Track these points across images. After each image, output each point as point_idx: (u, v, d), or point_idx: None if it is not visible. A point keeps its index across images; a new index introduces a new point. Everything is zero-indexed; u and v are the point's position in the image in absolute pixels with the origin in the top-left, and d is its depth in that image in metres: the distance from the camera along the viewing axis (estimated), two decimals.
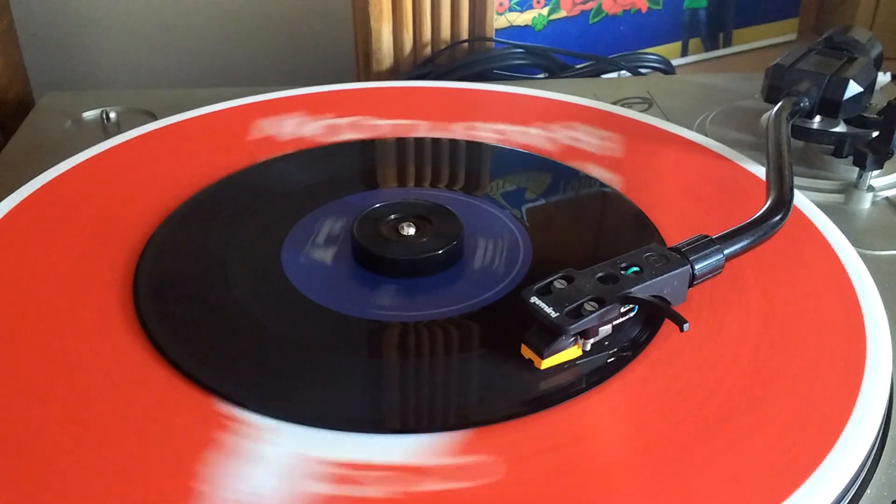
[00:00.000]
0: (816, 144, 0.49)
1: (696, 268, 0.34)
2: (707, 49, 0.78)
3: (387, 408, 0.31)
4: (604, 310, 0.31)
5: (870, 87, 0.49)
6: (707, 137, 0.50)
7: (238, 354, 0.33)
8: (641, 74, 0.66)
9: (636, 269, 0.33)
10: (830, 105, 0.48)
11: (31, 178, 0.44)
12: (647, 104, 0.57)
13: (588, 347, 0.32)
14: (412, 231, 0.39)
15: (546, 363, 0.31)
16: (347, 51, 0.73)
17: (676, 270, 0.33)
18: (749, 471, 0.28)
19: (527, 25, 0.69)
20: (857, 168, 0.46)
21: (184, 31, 0.79)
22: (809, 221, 0.41)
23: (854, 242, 0.40)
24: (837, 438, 0.29)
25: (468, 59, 0.64)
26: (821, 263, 0.38)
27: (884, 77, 0.52)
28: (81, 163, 0.46)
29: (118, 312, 0.35)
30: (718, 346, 0.33)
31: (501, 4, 0.67)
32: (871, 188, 0.46)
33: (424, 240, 0.39)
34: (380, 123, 0.51)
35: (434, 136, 0.50)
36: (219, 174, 0.45)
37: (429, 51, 0.65)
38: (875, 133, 0.47)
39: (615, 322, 0.32)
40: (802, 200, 0.42)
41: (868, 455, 0.29)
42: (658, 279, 0.33)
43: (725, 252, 0.35)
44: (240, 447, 0.29)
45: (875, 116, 0.49)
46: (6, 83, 0.64)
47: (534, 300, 0.31)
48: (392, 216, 0.40)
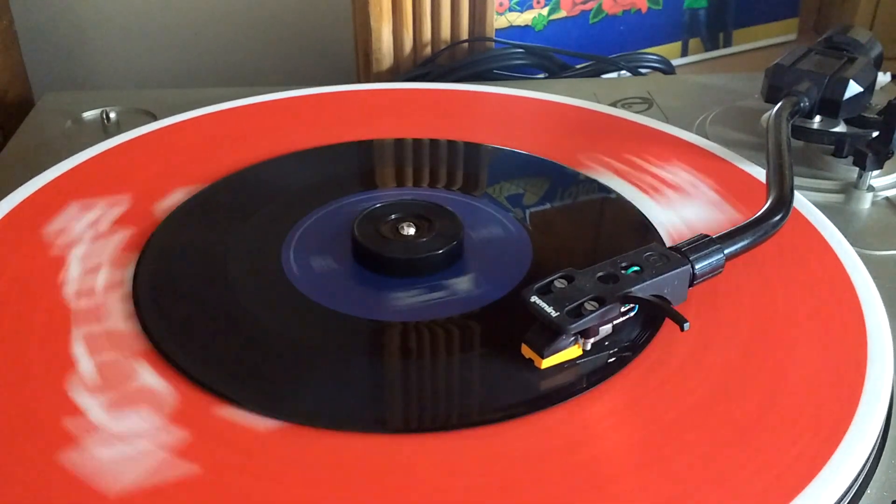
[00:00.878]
0: (816, 144, 0.49)
1: (697, 267, 0.34)
2: (707, 49, 0.78)
3: (387, 408, 0.31)
4: (604, 309, 0.31)
5: (870, 87, 0.49)
6: (706, 139, 0.50)
7: (238, 354, 0.33)
8: (641, 74, 0.66)
9: (636, 269, 0.33)
10: (830, 105, 0.48)
11: (31, 178, 0.44)
12: (647, 104, 0.57)
13: (588, 347, 0.32)
14: (412, 231, 0.39)
15: (546, 363, 0.31)
16: (347, 51, 0.73)
17: (677, 270, 0.33)
18: (750, 471, 0.28)
19: (527, 25, 0.69)
20: (857, 168, 0.46)
21: (184, 31, 0.79)
22: (809, 222, 0.41)
23: (854, 242, 0.40)
24: (839, 439, 0.29)
25: (468, 60, 0.64)
26: (821, 264, 0.38)
27: (884, 77, 0.52)
28: (81, 163, 0.46)
29: (118, 312, 0.35)
30: (719, 346, 0.33)
31: (501, 4, 0.67)
32: (871, 188, 0.46)
33: (424, 240, 0.39)
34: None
35: (433, 137, 0.50)
36: (219, 174, 0.45)
37: (429, 51, 0.65)
38: (875, 133, 0.47)
39: (615, 321, 0.32)
40: (802, 201, 0.42)
41: (868, 455, 0.29)
42: (658, 279, 0.33)
43: (725, 252, 0.35)
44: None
45: (875, 116, 0.49)
46: (6, 83, 0.64)
47: (534, 299, 0.31)
48: (392, 216, 0.40)
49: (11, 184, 0.44)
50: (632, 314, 0.33)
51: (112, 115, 0.54)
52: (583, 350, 0.32)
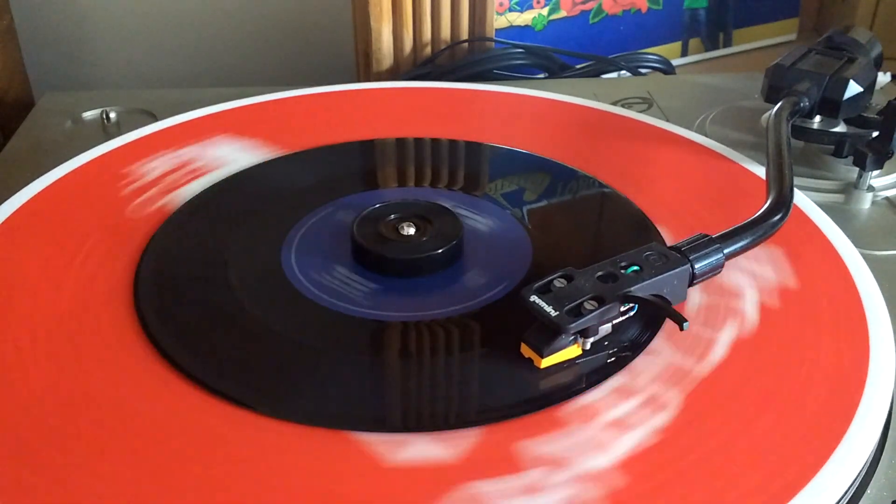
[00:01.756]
0: (816, 144, 0.49)
1: (696, 267, 0.34)
2: (707, 49, 0.78)
3: (386, 407, 0.32)
4: (603, 308, 0.31)
5: (870, 87, 0.49)
6: (707, 137, 0.50)
7: (238, 354, 0.33)
8: (641, 74, 0.66)
9: (636, 268, 0.33)
10: (830, 105, 0.48)
11: (32, 179, 0.44)
12: (647, 104, 0.57)
13: (588, 346, 0.32)
14: (412, 231, 0.39)
15: (546, 362, 0.31)
16: (347, 51, 0.73)
17: (676, 269, 0.33)
18: (750, 471, 0.28)
19: (527, 25, 0.69)
20: (857, 168, 0.46)
21: (184, 31, 0.79)
22: (810, 221, 0.41)
23: (854, 242, 0.40)
24: (840, 439, 0.29)
25: (468, 59, 0.64)
26: (822, 263, 0.38)
27: (884, 77, 0.52)
28: (82, 164, 0.46)
29: (119, 313, 0.35)
30: (718, 346, 0.33)
31: (501, 4, 0.67)
32: (871, 188, 0.46)
33: (424, 240, 0.39)
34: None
35: (434, 137, 0.50)
36: (219, 174, 0.45)
37: (429, 51, 0.65)
38: (875, 133, 0.47)
39: (615, 321, 0.32)
40: (804, 200, 0.42)
41: (868, 455, 0.29)
42: (658, 278, 0.33)
43: (725, 251, 0.35)
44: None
45: (875, 116, 0.49)
46: (6, 83, 0.64)
47: (533, 299, 0.31)
48: (392, 216, 0.40)
49: (11, 184, 0.44)
50: (631, 313, 0.33)
51: (112, 115, 0.54)
52: (582, 349, 0.32)
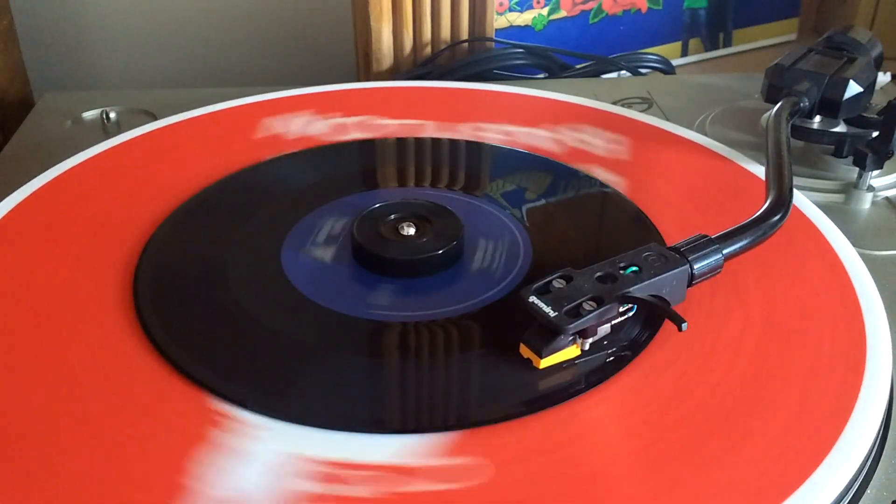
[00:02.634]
0: (816, 144, 0.49)
1: (695, 267, 0.34)
2: (707, 49, 0.78)
3: (386, 407, 0.32)
4: (602, 309, 0.31)
5: (870, 87, 0.49)
6: (707, 137, 0.50)
7: (238, 354, 0.33)
8: (641, 74, 0.66)
9: (635, 269, 0.33)
10: (830, 105, 0.48)
11: (31, 178, 0.44)
12: (647, 104, 0.57)
13: (587, 347, 0.32)
14: (412, 231, 0.39)
15: (545, 362, 0.31)
16: (347, 51, 0.73)
17: (675, 270, 0.33)
18: (749, 471, 0.28)
19: (527, 25, 0.69)
20: (857, 168, 0.46)
21: (184, 32, 0.79)
22: (809, 221, 0.41)
23: (854, 242, 0.40)
24: (837, 438, 0.29)
25: (468, 59, 0.64)
26: (821, 263, 0.38)
27: (884, 77, 0.52)
28: (81, 163, 0.46)
29: (118, 312, 0.35)
30: (718, 346, 0.33)
31: (501, 4, 0.67)
32: (871, 188, 0.46)
33: (424, 240, 0.39)
34: (382, 123, 0.51)
35: (434, 136, 0.50)
36: (219, 174, 0.45)
37: (429, 51, 0.65)
38: (875, 133, 0.47)
39: (614, 322, 0.32)
40: (802, 200, 0.42)
41: (868, 455, 0.29)
42: (657, 279, 0.33)
43: (724, 252, 0.35)
44: (232, 444, 0.29)
45: (875, 116, 0.49)
46: (6, 83, 0.64)
47: (532, 299, 0.31)
48: (392, 216, 0.40)
49: (11, 184, 0.44)
50: (630, 314, 0.33)
51: (112, 115, 0.54)
52: (581, 350, 0.32)
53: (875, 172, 0.46)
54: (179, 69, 0.81)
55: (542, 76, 0.65)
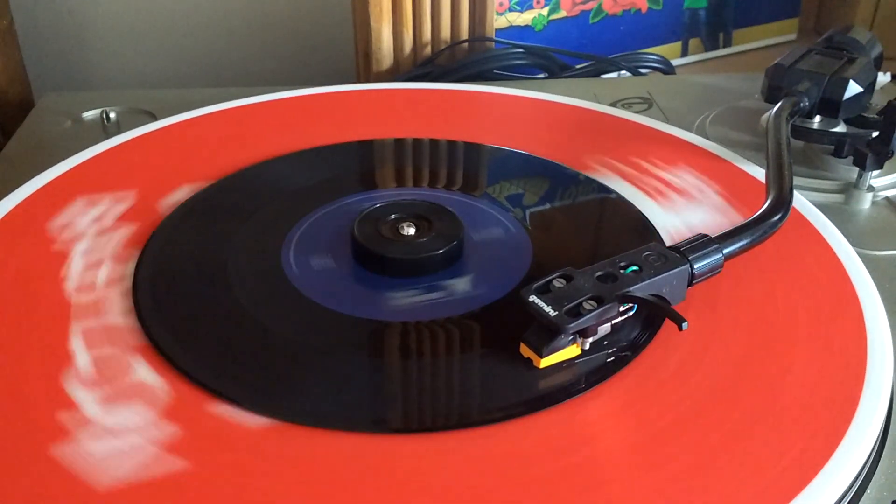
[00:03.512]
0: (816, 144, 0.49)
1: (695, 267, 0.34)
2: (707, 49, 0.78)
3: (386, 408, 0.31)
4: (602, 308, 0.31)
5: (870, 87, 0.49)
6: (706, 139, 0.50)
7: (238, 354, 0.33)
8: (641, 74, 0.66)
9: (635, 268, 0.33)
10: (830, 105, 0.48)
11: (31, 178, 0.44)
12: (647, 104, 0.57)
13: (587, 346, 0.32)
14: (412, 231, 0.39)
15: (545, 362, 0.31)
16: (347, 51, 0.73)
17: (675, 270, 0.33)
18: (750, 472, 0.28)
19: (527, 25, 0.69)
20: (857, 168, 0.46)
21: (184, 32, 0.79)
22: (809, 223, 0.41)
23: (854, 242, 0.40)
24: (839, 439, 0.29)
25: (468, 59, 0.64)
26: (821, 264, 0.38)
27: (884, 77, 0.52)
28: (81, 163, 0.46)
29: (118, 312, 0.35)
30: (717, 346, 0.33)
31: (501, 4, 0.67)
32: (871, 188, 0.46)
33: (424, 240, 0.39)
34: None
35: (434, 137, 0.50)
36: (219, 174, 0.45)
37: (429, 51, 0.65)
38: (875, 133, 0.47)
39: (614, 321, 0.32)
40: (801, 201, 0.42)
41: (868, 455, 0.29)
42: (657, 278, 0.33)
43: (724, 251, 0.35)
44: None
45: (875, 116, 0.49)
46: (6, 83, 0.64)
47: (532, 299, 0.31)
48: (392, 216, 0.40)
49: (12, 184, 0.44)
50: (630, 314, 0.33)
51: (112, 115, 0.54)
52: (581, 349, 0.32)
53: (875, 172, 0.46)
54: (179, 69, 0.81)
55: (542, 76, 0.65)
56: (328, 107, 0.53)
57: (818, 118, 0.50)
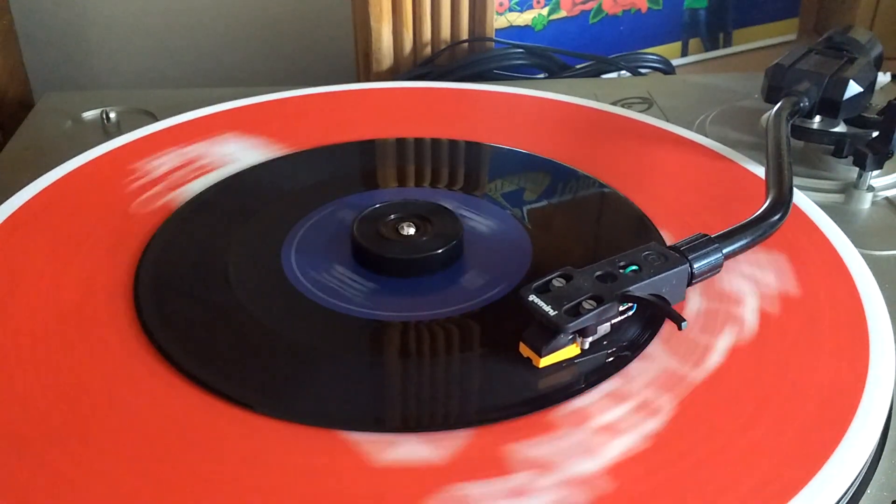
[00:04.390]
0: (816, 144, 0.49)
1: (695, 266, 0.34)
2: (707, 49, 0.78)
3: (386, 407, 0.32)
4: (602, 308, 0.31)
5: (870, 87, 0.49)
6: (707, 137, 0.50)
7: (238, 354, 0.33)
8: (641, 74, 0.66)
9: (635, 268, 0.33)
10: (830, 105, 0.48)
11: (32, 179, 0.44)
12: (647, 104, 0.57)
13: (586, 346, 0.32)
14: (412, 231, 0.39)
15: (544, 361, 0.31)
16: (347, 51, 0.73)
17: (675, 269, 0.33)
18: (750, 471, 0.28)
19: (527, 25, 0.69)
20: (857, 168, 0.46)
21: (184, 32, 0.79)
22: (810, 221, 0.41)
23: (854, 242, 0.40)
24: (839, 440, 0.29)
25: (468, 59, 0.64)
26: (822, 263, 0.38)
27: (884, 77, 0.52)
28: (81, 165, 0.46)
29: (119, 312, 0.35)
30: (717, 346, 0.33)
31: (501, 4, 0.67)
32: (871, 188, 0.46)
33: (424, 240, 0.39)
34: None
35: (434, 137, 0.50)
36: (219, 174, 0.45)
37: (429, 51, 0.65)
38: (875, 133, 0.47)
39: (614, 321, 0.32)
40: (803, 200, 0.42)
41: (868, 455, 0.29)
42: (656, 278, 0.33)
43: (724, 251, 0.35)
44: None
45: (875, 116, 0.49)
46: (6, 83, 0.64)
47: (532, 298, 0.31)
48: (392, 216, 0.40)
49: (11, 184, 0.44)
50: (630, 313, 0.33)
51: (112, 115, 0.54)
52: (581, 349, 0.32)
53: (875, 172, 0.46)
54: (179, 69, 0.81)
55: (542, 76, 0.65)
56: (328, 107, 0.53)
57: (818, 118, 0.50)
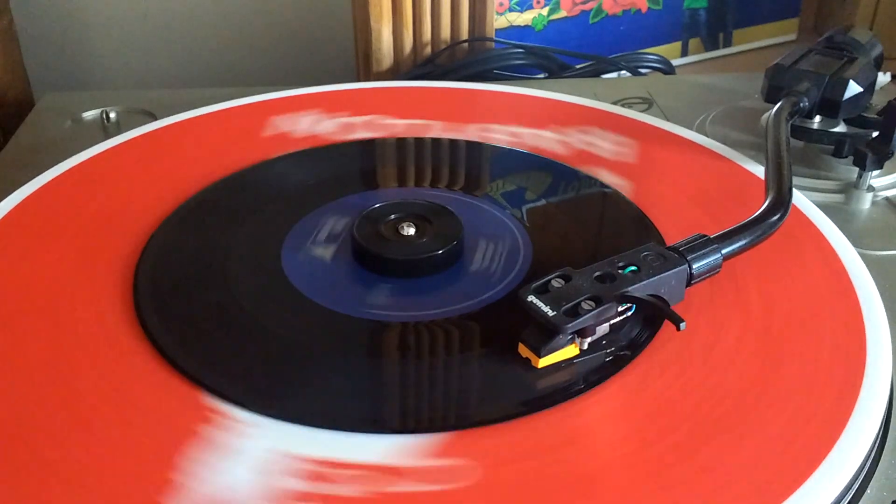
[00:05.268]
0: (816, 144, 0.49)
1: (694, 267, 0.34)
2: (707, 49, 0.78)
3: (385, 408, 0.32)
4: (601, 308, 0.31)
5: (870, 87, 0.49)
6: (707, 137, 0.50)
7: (238, 354, 0.33)
8: (641, 74, 0.66)
9: (634, 269, 0.33)
10: (830, 105, 0.48)
11: (31, 178, 0.44)
12: (647, 104, 0.57)
13: (585, 346, 0.32)
14: (412, 231, 0.39)
15: (543, 362, 0.31)
16: (347, 51, 0.73)
17: (674, 270, 0.33)
18: (749, 471, 0.28)
19: (527, 25, 0.69)
20: (857, 168, 0.46)
21: (184, 32, 0.79)
22: (809, 221, 0.41)
23: (854, 242, 0.40)
24: (837, 439, 0.29)
25: (468, 59, 0.64)
26: (821, 263, 0.38)
27: (884, 77, 0.52)
28: (81, 163, 0.46)
29: (118, 312, 0.35)
30: (717, 346, 0.33)
31: (501, 4, 0.67)
32: (871, 188, 0.46)
33: (424, 240, 0.39)
34: (384, 123, 0.51)
35: (434, 137, 0.50)
36: (219, 174, 0.45)
37: (429, 51, 0.65)
38: (875, 133, 0.47)
39: (612, 321, 0.32)
40: (802, 200, 0.42)
41: (868, 455, 0.29)
42: (655, 278, 0.33)
43: (723, 251, 0.35)
44: (223, 441, 0.29)
45: (875, 116, 0.49)
46: (6, 83, 0.64)
47: (531, 299, 0.31)
48: (392, 216, 0.40)
49: (11, 184, 0.44)
50: (629, 314, 0.33)
51: (112, 115, 0.54)
52: (580, 349, 0.32)
53: (875, 172, 0.46)
54: (179, 69, 0.81)
55: (542, 76, 0.65)
56: (328, 107, 0.53)
57: (818, 118, 0.50)
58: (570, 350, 0.32)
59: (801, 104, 0.47)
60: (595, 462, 0.28)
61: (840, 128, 0.50)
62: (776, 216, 0.37)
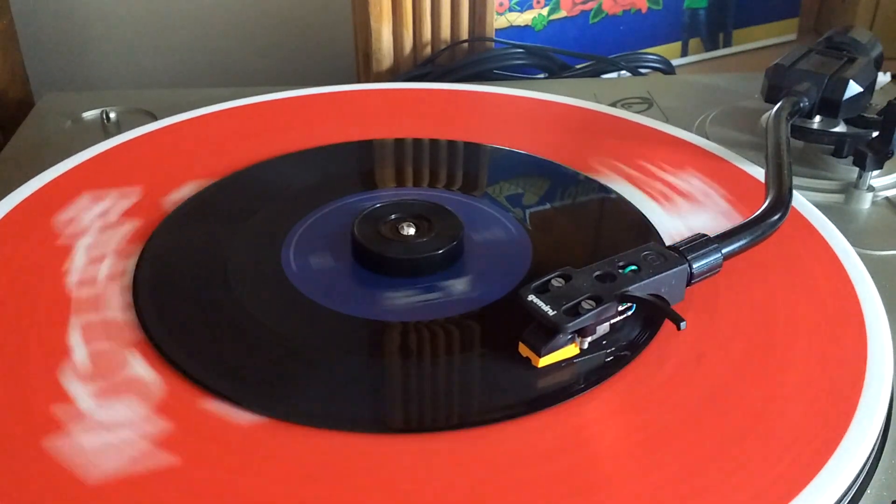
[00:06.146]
0: (816, 144, 0.49)
1: (694, 267, 0.34)
2: (707, 49, 0.78)
3: (385, 408, 0.32)
4: (601, 308, 0.31)
5: (870, 88, 0.49)
6: (707, 138, 0.50)
7: (238, 354, 0.33)
8: (641, 74, 0.66)
9: (634, 268, 0.33)
10: (830, 105, 0.48)
11: (31, 178, 0.44)
12: (647, 104, 0.57)
13: (585, 346, 0.32)
14: (412, 231, 0.39)
15: (543, 361, 0.31)
16: (347, 51, 0.73)
17: (674, 269, 0.33)
18: (749, 472, 0.28)
19: (527, 25, 0.69)
20: (857, 168, 0.46)
21: (184, 32, 0.79)
22: (809, 223, 0.41)
23: (854, 242, 0.40)
24: (839, 440, 0.29)
25: (468, 59, 0.64)
26: (820, 264, 0.38)
27: (884, 77, 0.52)
28: (81, 163, 0.46)
29: (118, 312, 0.35)
30: (717, 346, 0.33)
31: (501, 4, 0.67)
32: (871, 188, 0.46)
33: (424, 240, 0.39)
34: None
35: (434, 137, 0.50)
36: (219, 174, 0.45)
37: (429, 51, 0.65)
38: (875, 133, 0.47)
39: (613, 321, 0.32)
40: (802, 202, 0.42)
41: (868, 455, 0.29)
42: (656, 278, 0.33)
43: (723, 251, 0.35)
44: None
45: (875, 116, 0.49)
46: (6, 83, 0.64)
47: (531, 298, 0.32)
48: (392, 216, 0.40)
49: (12, 183, 0.44)
50: (629, 313, 0.33)
51: (112, 115, 0.54)
52: (580, 349, 0.32)
53: (875, 172, 0.46)
54: (179, 69, 0.81)
55: (542, 76, 0.65)
56: (328, 107, 0.53)
57: (818, 118, 0.50)
58: (571, 350, 0.32)
59: (801, 104, 0.47)
60: (595, 462, 0.28)
61: (840, 128, 0.50)
62: (776, 216, 0.37)
